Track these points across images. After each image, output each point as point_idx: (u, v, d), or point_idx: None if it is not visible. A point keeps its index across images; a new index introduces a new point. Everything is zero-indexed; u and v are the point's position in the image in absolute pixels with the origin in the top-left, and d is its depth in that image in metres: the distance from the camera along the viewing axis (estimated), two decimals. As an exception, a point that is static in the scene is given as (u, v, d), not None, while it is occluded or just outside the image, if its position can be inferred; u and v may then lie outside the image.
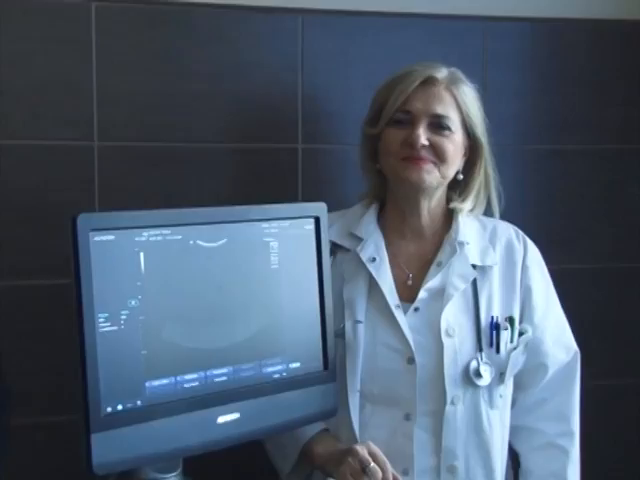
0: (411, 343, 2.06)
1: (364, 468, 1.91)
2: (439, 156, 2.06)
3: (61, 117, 2.23)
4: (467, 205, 2.16)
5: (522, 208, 2.41)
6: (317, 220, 2.08)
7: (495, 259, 2.15)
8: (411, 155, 2.05)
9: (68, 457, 1.85)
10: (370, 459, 1.92)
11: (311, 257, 2.08)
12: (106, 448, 1.77)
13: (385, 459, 1.94)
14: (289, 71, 2.39)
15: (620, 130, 2.68)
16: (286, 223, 2.04)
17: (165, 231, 1.87)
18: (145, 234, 1.84)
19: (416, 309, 2.10)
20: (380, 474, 1.91)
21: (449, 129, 2.07)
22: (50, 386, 2.15)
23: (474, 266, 2.12)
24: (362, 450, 1.93)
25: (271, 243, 2.02)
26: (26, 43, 2.19)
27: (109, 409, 1.78)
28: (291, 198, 2.34)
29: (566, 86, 2.63)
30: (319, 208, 2.09)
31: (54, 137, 2.22)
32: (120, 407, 1.80)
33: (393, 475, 1.93)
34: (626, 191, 2.71)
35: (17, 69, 2.19)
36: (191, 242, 1.91)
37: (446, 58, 2.13)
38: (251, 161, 2.38)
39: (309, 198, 2.31)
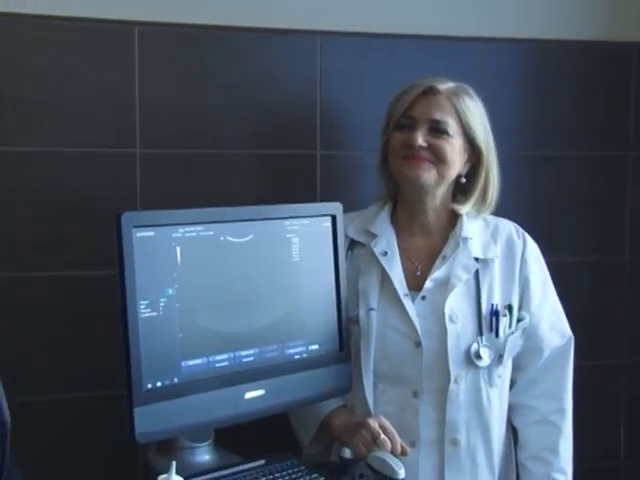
0: (418, 328, 2.06)
1: (375, 439, 1.93)
2: (437, 156, 2.05)
3: (107, 127, 2.23)
4: (468, 207, 2.15)
5: (517, 207, 2.40)
6: (333, 218, 2.09)
7: (496, 253, 2.15)
8: (410, 154, 2.05)
9: (113, 428, 1.85)
10: (380, 431, 1.93)
11: (328, 251, 2.09)
12: (147, 420, 1.78)
13: (394, 431, 1.95)
14: (309, 85, 2.39)
15: (604, 138, 2.68)
16: (306, 221, 2.05)
17: (199, 228, 1.88)
18: (181, 230, 1.85)
19: (423, 297, 2.09)
20: (389, 444, 1.92)
21: (447, 133, 2.05)
22: (96, 365, 2.15)
23: (477, 259, 2.12)
24: (374, 423, 1.95)
25: (292, 239, 2.03)
26: (77, 60, 2.20)
27: (149, 385, 1.80)
28: (310, 199, 2.33)
29: (556, 99, 2.62)
30: (335, 207, 2.11)
31: (101, 145, 2.23)
32: (159, 384, 1.82)
33: (401, 446, 1.94)
34: (609, 192, 2.69)
35: (69, 84, 2.19)
36: (222, 238, 1.92)
37: (448, 74, 2.11)
38: (274, 166, 2.38)
39: (326, 199, 2.30)
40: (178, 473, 1.67)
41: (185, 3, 2.27)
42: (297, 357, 2.04)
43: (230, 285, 1.93)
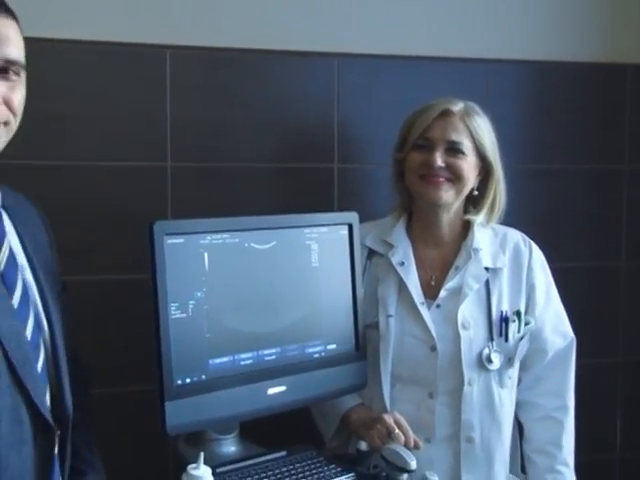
0: (433, 334, 2.06)
1: (390, 433, 1.92)
2: (455, 175, 2.05)
3: (141, 142, 2.24)
4: (480, 217, 2.14)
5: (520, 216, 2.38)
6: (350, 227, 2.09)
7: (504, 262, 2.14)
8: (429, 174, 2.04)
9: (146, 420, 1.85)
10: (395, 426, 1.93)
11: (345, 257, 2.09)
12: (177, 413, 1.79)
13: (408, 427, 1.95)
14: (327, 103, 2.39)
15: (601, 153, 2.68)
16: (324, 229, 2.05)
17: (225, 235, 1.89)
18: (209, 238, 1.86)
19: (438, 306, 2.09)
20: (403, 439, 1.92)
21: (462, 153, 2.05)
22: (128, 362, 2.15)
23: (487, 269, 2.11)
24: (389, 418, 1.95)
25: (312, 245, 2.03)
26: (114, 81, 2.21)
27: (179, 382, 1.81)
28: (328, 208, 2.33)
29: (556, 116, 2.62)
30: (352, 217, 2.11)
31: (135, 159, 2.24)
32: (188, 380, 1.82)
33: (414, 440, 1.93)
34: (606, 203, 2.69)
35: (105, 102, 2.20)
36: (246, 244, 1.92)
37: (456, 93, 2.11)
38: (295, 178, 2.38)
39: (343, 208, 2.31)
40: (206, 463, 1.68)
41: (211, 28, 2.27)
42: (316, 356, 2.04)
43: (254, 288, 1.93)
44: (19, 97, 1.53)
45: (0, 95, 1.48)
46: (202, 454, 1.68)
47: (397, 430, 1.92)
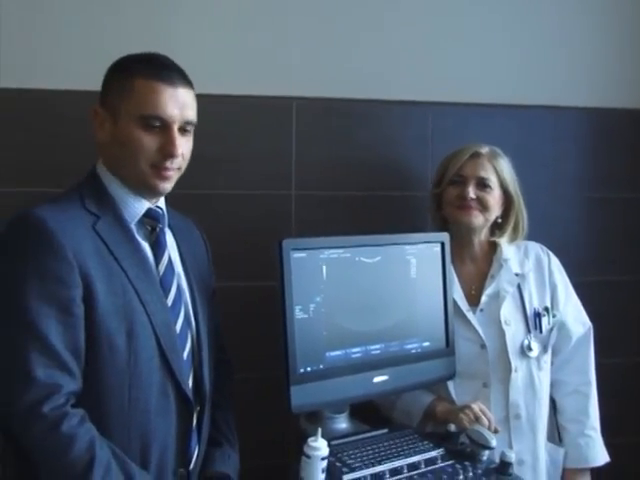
0: (482, 334, 2.05)
1: (477, 417, 1.92)
2: (483, 205, 2.07)
3: (272, 175, 2.26)
4: (504, 239, 2.14)
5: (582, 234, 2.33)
6: (442, 244, 2.07)
7: (530, 267, 2.14)
8: (463, 205, 2.06)
9: (274, 401, 1.85)
10: (480, 413, 1.93)
11: (438, 269, 2.06)
12: (300, 396, 1.79)
13: (490, 414, 1.94)
14: (422, 144, 2.37)
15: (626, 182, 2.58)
16: (421, 246, 2.03)
17: (339, 251, 1.88)
18: (326, 253, 1.86)
19: (481, 310, 2.08)
20: (486, 422, 1.91)
21: (490, 187, 2.07)
22: (260, 354, 2.15)
23: (516, 274, 2.11)
24: (476, 406, 1.94)
25: (411, 260, 2.01)
26: (250, 126, 2.23)
27: (302, 370, 1.80)
28: (423, 229, 2.28)
29: (610, 155, 2.54)
30: (444, 236, 2.09)
31: (267, 188, 2.25)
32: (309, 369, 1.82)
33: (495, 426, 1.93)
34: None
35: (245, 144, 2.23)
36: (357, 259, 1.91)
37: (524, 136, 2.23)
38: (396, 204, 2.35)
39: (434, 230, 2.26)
40: (322, 437, 1.66)
41: (328, 83, 2.27)
42: (413, 351, 2.01)
43: (363, 295, 1.92)
44: (189, 148, 1.62)
45: (181, 150, 1.53)
46: (320, 429, 1.67)
47: (482, 415, 1.92)
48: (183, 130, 1.56)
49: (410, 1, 2.32)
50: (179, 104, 1.52)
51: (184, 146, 1.56)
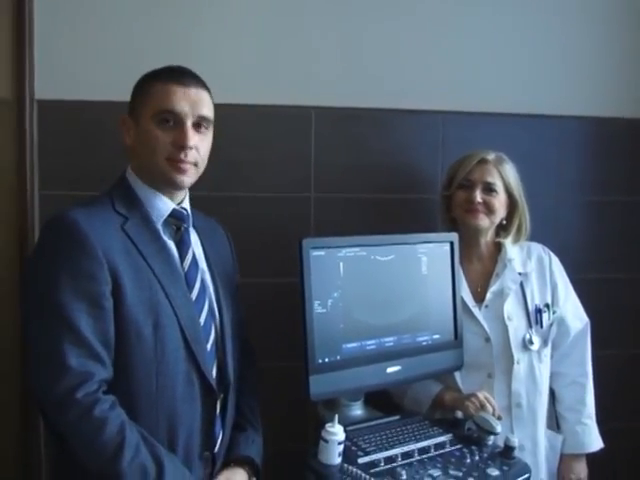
0: (486, 329, 2.03)
1: (482, 405, 1.91)
2: (489, 209, 2.05)
3: (292, 179, 2.24)
4: (508, 239, 2.12)
5: (582, 235, 2.29)
6: (451, 244, 2.05)
7: (532, 267, 2.12)
8: (471, 208, 2.04)
9: (294, 389, 1.84)
10: (485, 401, 1.92)
11: (447, 267, 2.04)
12: (318, 384, 1.78)
13: (494, 402, 1.93)
14: (433, 151, 2.34)
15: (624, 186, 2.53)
16: (432, 245, 2.02)
17: (356, 249, 1.87)
18: (343, 251, 1.85)
19: (486, 306, 2.06)
20: (491, 410, 1.90)
21: (495, 191, 2.05)
22: (281, 345, 2.14)
23: (519, 273, 2.09)
24: (481, 395, 1.93)
25: (422, 258, 2.00)
26: (272, 134, 2.22)
27: (320, 360, 1.79)
28: (433, 229, 2.24)
29: (611, 162, 2.49)
30: (453, 236, 2.07)
31: (287, 190, 2.24)
32: (327, 359, 1.81)
33: (498, 414, 1.92)
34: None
35: (267, 150, 2.22)
36: (372, 257, 1.90)
37: (531, 144, 2.14)
38: (408, 206, 2.32)
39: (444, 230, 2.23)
40: (339, 423, 1.65)
41: (346, 92, 2.25)
42: (424, 343, 1.99)
43: (377, 291, 1.90)
44: (206, 146, 1.59)
45: (193, 143, 1.52)
46: (336, 416, 1.66)
47: (487, 403, 1.91)
48: (198, 126, 1.55)
49: (424, 18, 2.30)
50: (191, 100, 1.53)
51: (198, 141, 1.55)
